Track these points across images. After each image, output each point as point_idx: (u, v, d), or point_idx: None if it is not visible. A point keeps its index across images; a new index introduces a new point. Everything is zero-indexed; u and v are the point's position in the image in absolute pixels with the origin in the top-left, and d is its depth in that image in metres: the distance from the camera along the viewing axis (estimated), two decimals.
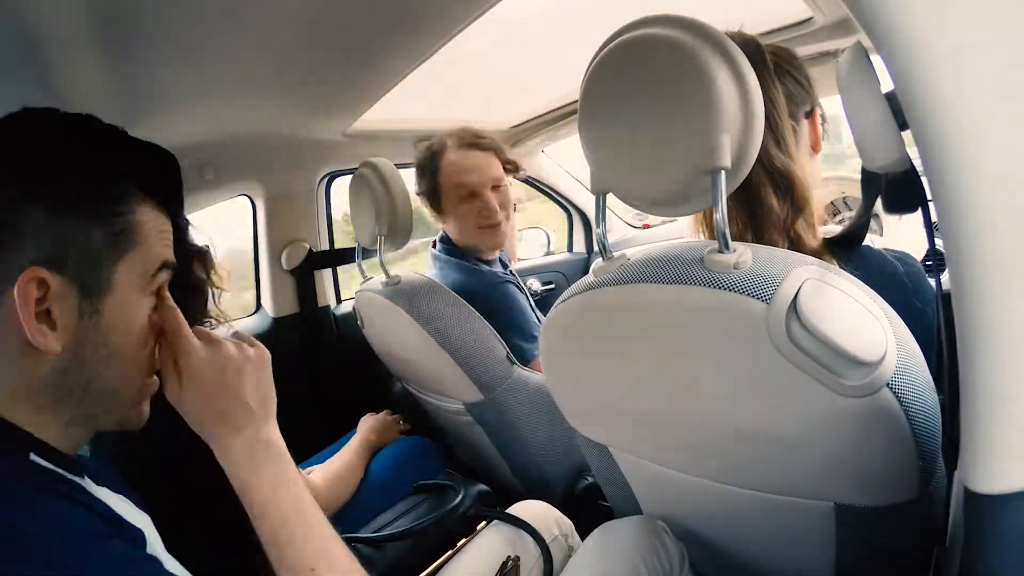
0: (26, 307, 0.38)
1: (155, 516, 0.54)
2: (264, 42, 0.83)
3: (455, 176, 1.14)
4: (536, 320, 1.18)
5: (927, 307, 0.56)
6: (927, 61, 0.30)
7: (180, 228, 0.87)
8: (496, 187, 1.17)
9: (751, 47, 0.60)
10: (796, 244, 0.61)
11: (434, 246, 1.28)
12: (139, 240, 0.44)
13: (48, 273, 0.39)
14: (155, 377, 0.48)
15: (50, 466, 0.40)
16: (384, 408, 1.25)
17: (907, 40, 0.30)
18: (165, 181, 0.48)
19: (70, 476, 0.41)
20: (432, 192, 1.16)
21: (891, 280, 0.57)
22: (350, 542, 0.86)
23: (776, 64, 0.62)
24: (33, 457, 0.39)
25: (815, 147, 0.66)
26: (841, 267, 0.58)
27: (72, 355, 0.41)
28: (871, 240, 0.62)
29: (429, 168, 1.16)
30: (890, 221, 1.28)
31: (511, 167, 1.22)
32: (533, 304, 1.25)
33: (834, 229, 0.65)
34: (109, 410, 0.44)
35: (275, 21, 0.76)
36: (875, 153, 0.45)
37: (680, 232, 1.99)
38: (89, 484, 0.44)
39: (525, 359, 1.08)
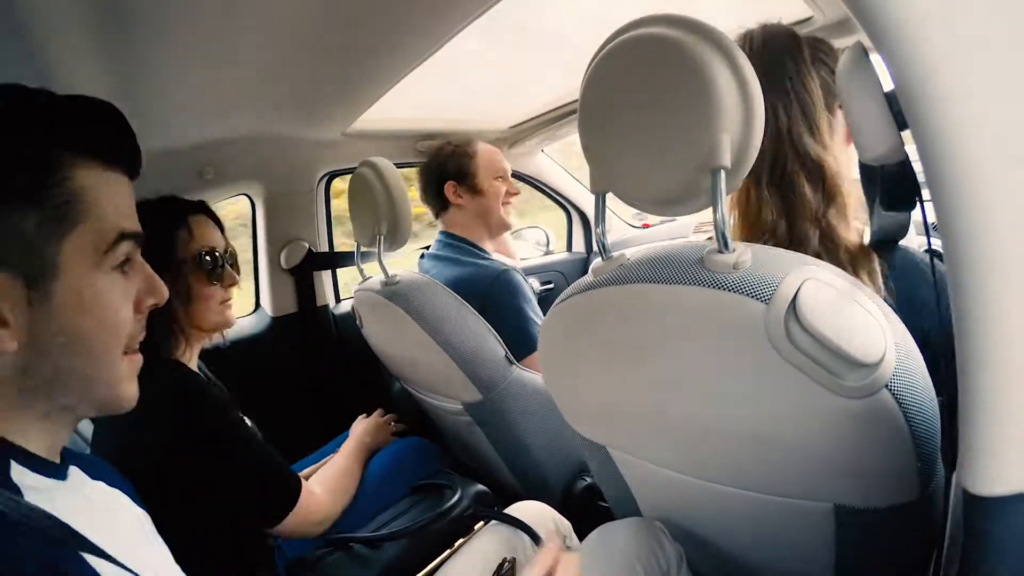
0: None
1: (152, 509, 0.54)
2: (264, 42, 0.82)
3: (492, 157, 1.30)
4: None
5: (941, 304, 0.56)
6: (927, 61, 0.30)
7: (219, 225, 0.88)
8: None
9: (789, 37, 0.62)
10: (828, 235, 0.60)
11: (426, 250, 1.32)
12: (84, 212, 0.40)
13: None
14: (139, 354, 0.45)
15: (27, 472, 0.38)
16: (382, 408, 1.25)
17: (907, 40, 0.30)
18: (107, 135, 0.43)
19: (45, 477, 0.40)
20: (464, 170, 1.27)
21: (923, 278, 0.57)
22: (348, 542, 0.87)
23: (813, 54, 0.62)
24: (13, 465, 0.37)
25: (849, 139, 0.65)
26: (882, 264, 0.58)
27: (31, 349, 0.38)
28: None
29: (463, 152, 1.28)
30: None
31: None
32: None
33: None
34: (84, 398, 0.42)
35: (275, 21, 0.76)
36: (874, 152, 0.45)
37: (680, 232, 1.99)
38: (74, 480, 0.43)
39: None
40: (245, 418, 0.88)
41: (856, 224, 0.62)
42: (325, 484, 0.92)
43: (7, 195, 0.37)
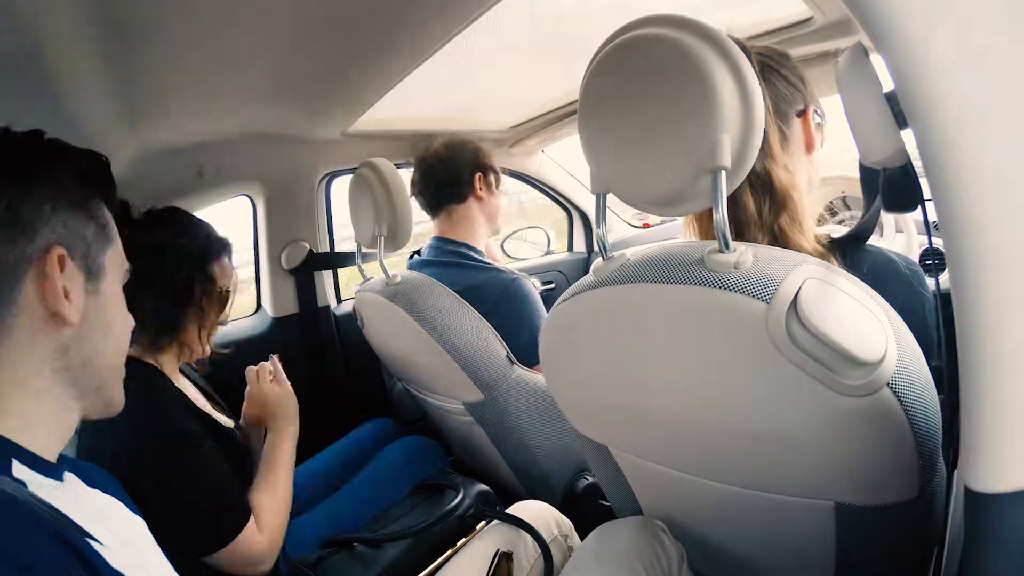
0: (52, 279, 0.43)
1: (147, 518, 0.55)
2: (264, 42, 0.83)
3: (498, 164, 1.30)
4: None
5: (927, 307, 0.56)
6: (927, 61, 0.30)
7: (207, 234, 0.89)
8: None
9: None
10: (780, 241, 0.61)
11: (416, 254, 1.30)
12: (114, 237, 0.51)
13: (66, 253, 0.45)
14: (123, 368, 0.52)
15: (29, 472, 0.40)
16: (382, 408, 1.25)
17: (907, 40, 0.30)
18: (111, 188, 0.54)
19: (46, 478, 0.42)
20: (489, 165, 1.26)
21: (893, 278, 0.57)
22: (349, 541, 0.88)
23: (765, 65, 0.63)
24: (15, 463, 0.40)
25: (810, 146, 0.66)
26: (843, 265, 0.58)
27: (79, 330, 0.46)
28: (873, 240, 0.62)
29: (482, 152, 1.27)
30: (889, 221, 1.28)
31: None
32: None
33: (836, 229, 0.65)
34: (99, 392, 0.48)
35: (275, 21, 0.76)
36: (875, 153, 0.45)
37: (680, 232, 1.99)
38: (71, 483, 0.46)
39: None
40: (232, 433, 0.86)
41: (812, 228, 0.63)
42: (272, 523, 0.80)
43: (78, 205, 0.47)
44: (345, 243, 1.65)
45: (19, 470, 0.40)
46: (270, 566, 0.78)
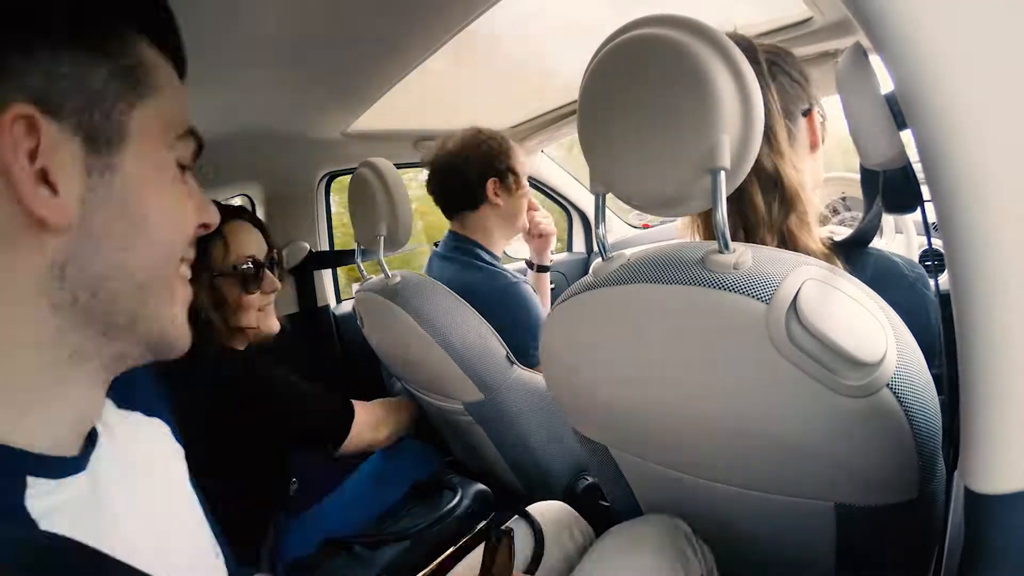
0: (14, 156, 0.27)
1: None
2: (264, 41, 0.83)
3: (524, 158, 1.23)
4: None
5: (930, 311, 0.56)
6: (927, 61, 0.30)
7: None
8: None
9: (744, 46, 0.59)
10: (788, 242, 0.61)
11: (436, 246, 1.28)
12: (155, 87, 0.33)
13: (38, 113, 0.28)
14: (189, 289, 0.37)
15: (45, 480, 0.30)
16: None
17: (906, 40, 0.30)
18: (171, 28, 0.37)
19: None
20: (507, 168, 1.19)
21: (896, 281, 0.57)
22: (348, 542, 0.87)
23: (771, 63, 0.62)
24: (28, 485, 0.29)
25: (814, 144, 0.66)
26: (847, 268, 0.58)
27: (76, 236, 0.30)
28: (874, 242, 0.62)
29: (506, 148, 1.20)
30: (888, 222, 1.28)
31: None
32: None
33: (836, 230, 0.65)
34: (134, 320, 0.32)
35: (275, 21, 0.76)
36: (875, 155, 0.45)
37: (678, 232, 1.99)
38: (99, 452, 0.35)
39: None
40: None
41: (819, 231, 0.62)
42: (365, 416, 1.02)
43: (77, 39, 0.30)
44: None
45: (33, 491, 0.29)
46: (383, 438, 1.04)
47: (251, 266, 0.86)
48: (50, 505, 0.30)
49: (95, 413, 0.35)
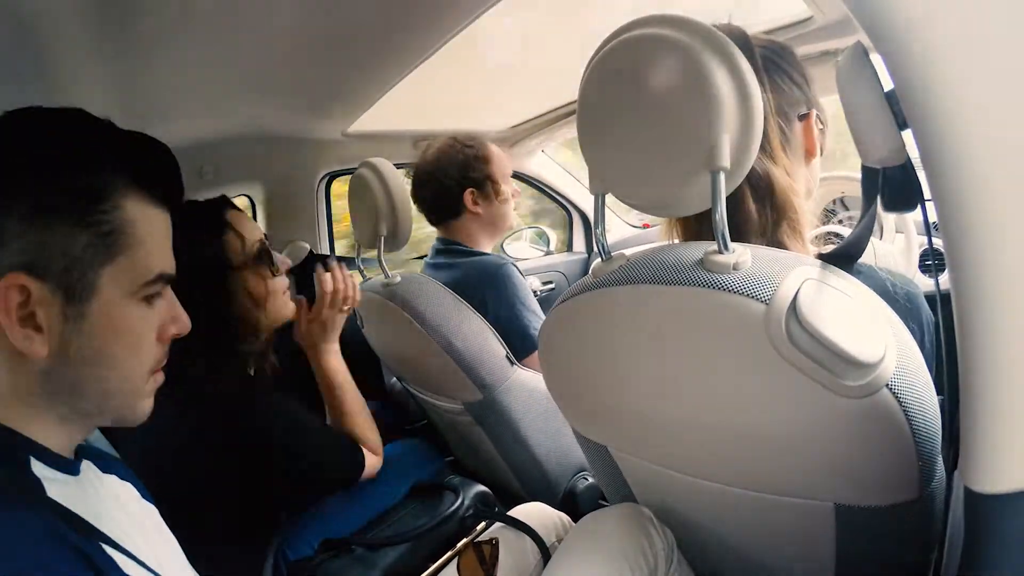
0: (7, 314, 0.37)
1: (161, 505, 0.55)
2: (264, 42, 0.83)
3: (503, 159, 1.23)
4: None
5: (924, 329, 0.54)
6: (926, 61, 0.30)
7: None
8: None
9: (736, 37, 0.55)
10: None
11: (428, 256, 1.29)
12: (127, 245, 0.42)
13: (29, 279, 0.38)
14: (160, 374, 0.47)
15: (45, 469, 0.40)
16: (381, 407, 1.24)
17: (907, 39, 0.30)
18: (161, 173, 0.45)
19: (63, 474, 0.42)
20: (484, 177, 1.19)
21: (887, 299, 0.55)
22: (348, 544, 0.87)
23: (768, 59, 0.59)
24: (32, 461, 0.39)
25: (810, 152, 0.62)
26: None
27: (57, 359, 0.40)
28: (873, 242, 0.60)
29: (480, 157, 1.19)
30: (888, 221, 1.28)
31: None
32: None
33: (832, 229, 0.64)
34: (102, 408, 0.44)
35: (275, 21, 0.76)
36: (876, 154, 0.45)
37: None
38: (87, 474, 0.45)
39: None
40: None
41: (809, 240, 0.60)
42: (371, 438, 0.95)
43: (64, 213, 0.39)
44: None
45: (37, 467, 0.39)
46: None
47: (264, 246, 0.82)
48: (51, 480, 0.39)
49: (80, 436, 0.45)
